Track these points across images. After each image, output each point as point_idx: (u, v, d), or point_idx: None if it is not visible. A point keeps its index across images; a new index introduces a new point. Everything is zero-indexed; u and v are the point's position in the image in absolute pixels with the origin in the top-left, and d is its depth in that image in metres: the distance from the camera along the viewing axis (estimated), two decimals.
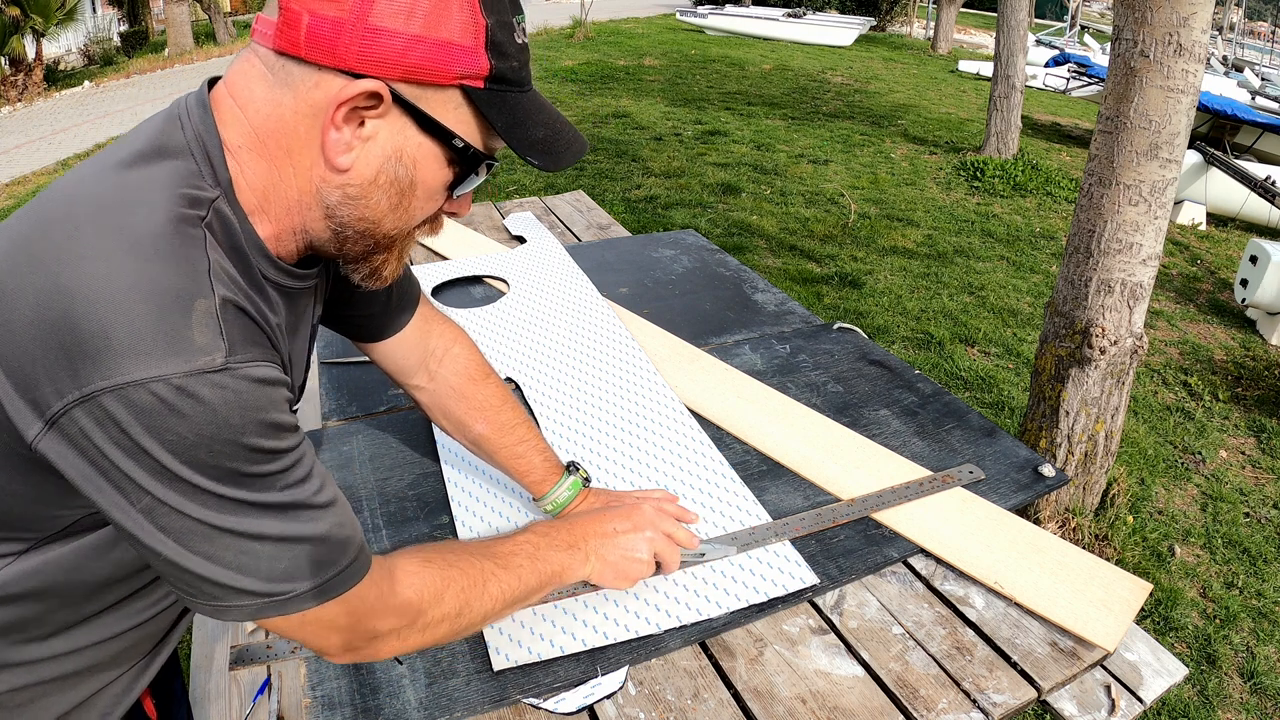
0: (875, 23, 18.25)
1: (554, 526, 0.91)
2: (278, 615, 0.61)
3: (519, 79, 0.65)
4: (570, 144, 0.70)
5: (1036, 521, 2.40)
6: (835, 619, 0.95)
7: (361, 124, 0.61)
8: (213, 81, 0.67)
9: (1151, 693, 0.95)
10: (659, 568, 0.96)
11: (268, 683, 1.19)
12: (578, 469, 1.06)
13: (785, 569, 1.00)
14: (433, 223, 0.72)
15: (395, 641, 0.71)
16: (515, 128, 0.66)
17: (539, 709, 0.83)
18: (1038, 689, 0.87)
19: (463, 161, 0.67)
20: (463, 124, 0.64)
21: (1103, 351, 2.29)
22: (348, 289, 0.89)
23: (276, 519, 0.59)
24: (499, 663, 0.86)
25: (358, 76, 0.59)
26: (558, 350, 1.50)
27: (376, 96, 0.60)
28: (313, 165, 0.62)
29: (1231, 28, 21.99)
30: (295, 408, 0.78)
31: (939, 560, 1.04)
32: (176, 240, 0.55)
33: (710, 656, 0.90)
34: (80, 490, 0.55)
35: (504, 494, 1.12)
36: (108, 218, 0.54)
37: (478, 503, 1.11)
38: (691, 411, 1.32)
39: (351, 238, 0.67)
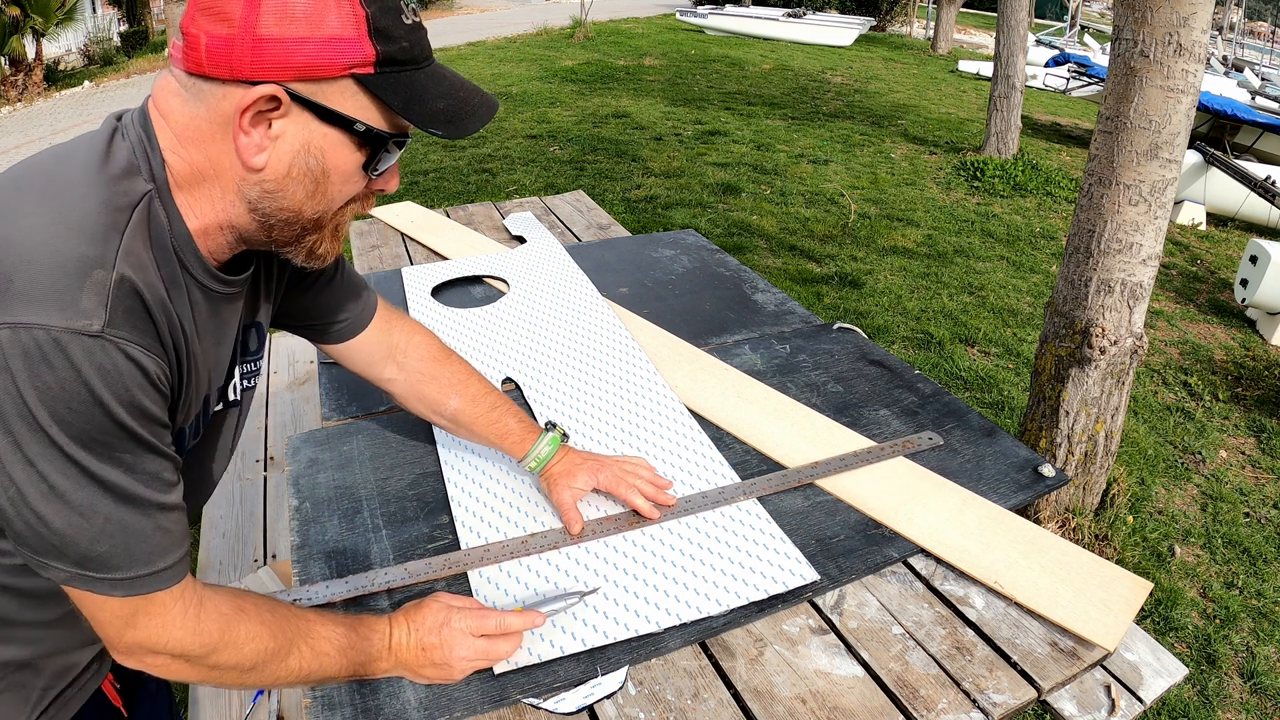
0: (875, 23, 18.22)
1: (371, 629, 0.84)
2: (84, 590, 0.65)
3: (412, 57, 0.69)
4: (476, 109, 0.73)
5: (1036, 521, 2.40)
6: (835, 619, 0.95)
7: (269, 125, 0.66)
8: None
9: (1151, 693, 0.95)
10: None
11: None
12: (555, 426, 1.12)
13: (786, 566, 1.00)
14: (363, 200, 0.77)
15: (180, 666, 0.71)
16: (413, 104, 0.69)
17: (539, 709, 0.83)
18: (1038, 689, 0.87)
19: (370, 142, 0.70)
20: (361, 109, 0.68)
21: (1103, 351, 2.29)
22: (312, 302, 0.96)
23: (111, 501, 0.62)
24: (500, 665, 0.86)
25: (255, 84, 0.64)
26: (558, 350, 1.50)
27: (275, 99, 0.65)
28: (232, 166, 0.68)
29: (1231, 28, 21.99)
30: (216, 408, 0.82)
31: (939, 560, 1.03)
32: (100, 220, 0.61)
33: (710, 656, 0.90)
34: None
35: (504, 494, 1.12)
36: (52, 189, 0.62)
37: (477, 503, 1.11)
38: (691, 411, 1.32)
39: (277, 226, 0.72)
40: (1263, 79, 13.90)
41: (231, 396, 0.84)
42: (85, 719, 0.83)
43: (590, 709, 0.84)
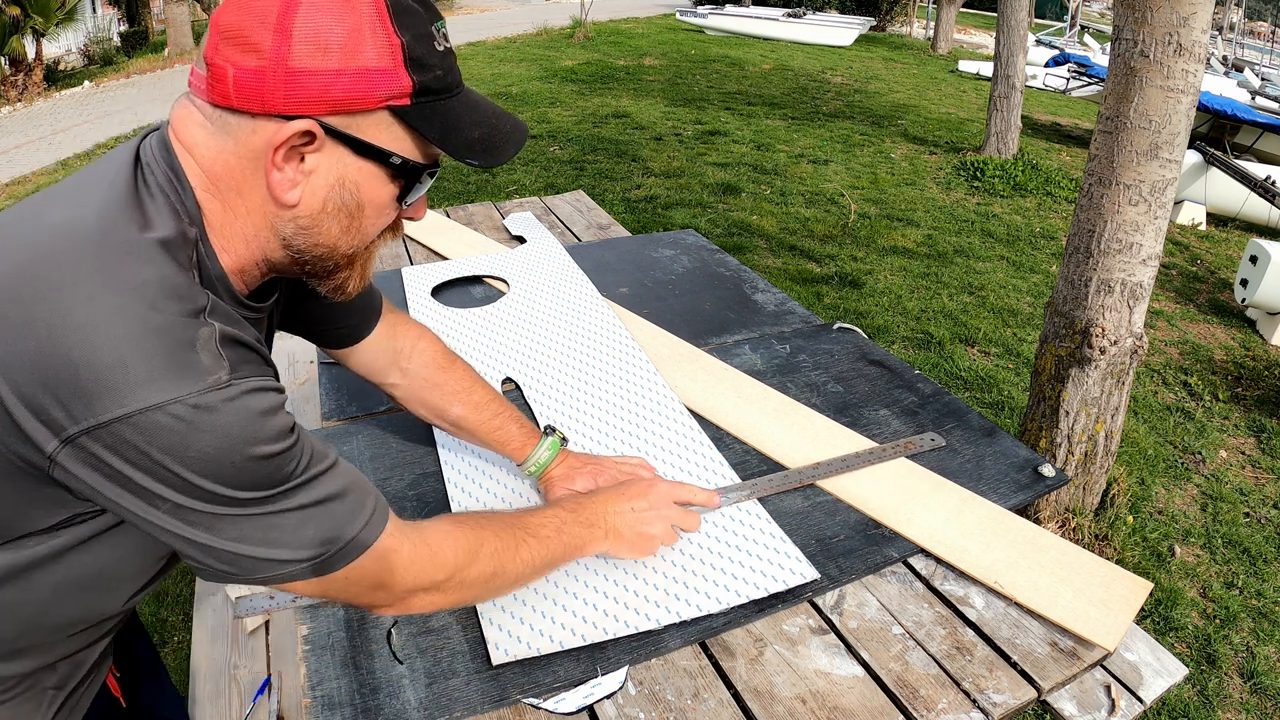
0: (875, 23, 18.21)
1: (578, 504, 0.97)
2: (315, 578, 0.67)
3: (445, 85, 0.67)
4: (510, 136, 0.72)
5: (1036, 521, 2.40)
6: (835, 619, 0.95)
7: (302, 160, 0.64)
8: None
9: (1151, 693, 0.95)
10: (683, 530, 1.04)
11: (268, 682, 1.19)
12: (554, 430, 1.13)
13: (786, 565, 1.00)
14: (392, 230, 0.75)
15: (434, 596, 0.79)
16: (450, 134, 0.68)
17: (539, 709, 0.83)
18: (1038, 689, 0.87)
19: (405, 175, 0.69)
20: (397, 141, 0.66)
21: (1103, 351, 2.29)
22: (317, 307, 0.95)
23: (294, 496, 0.64)
24: (498, 658, 0.86)
25: (289, 118, 0.61)
26: (558, 350, 1.50)
27: (309, 134, 0.62)
28: (263, 203, 0.66)
29: (1231, 28, 21.98)
30: None
31: (939, 560, 1.03)
32: (178, 280, 0.59)
33: (710, 656, 0.90)
34: (95, 502, 0.60)
35: (504, 494, 1.12)
36: (106, 259, 0.57)
37: (477, 503, 1.11)
38: (691, 411, 1.32)
39: (311, 261, 0.71)
40: (1263, 79, 13.89)
41: None
42: (91, 714, 0.84)
43: (590, 709, 0.84)
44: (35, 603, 0.68)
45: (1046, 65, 12.67)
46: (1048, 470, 1.19)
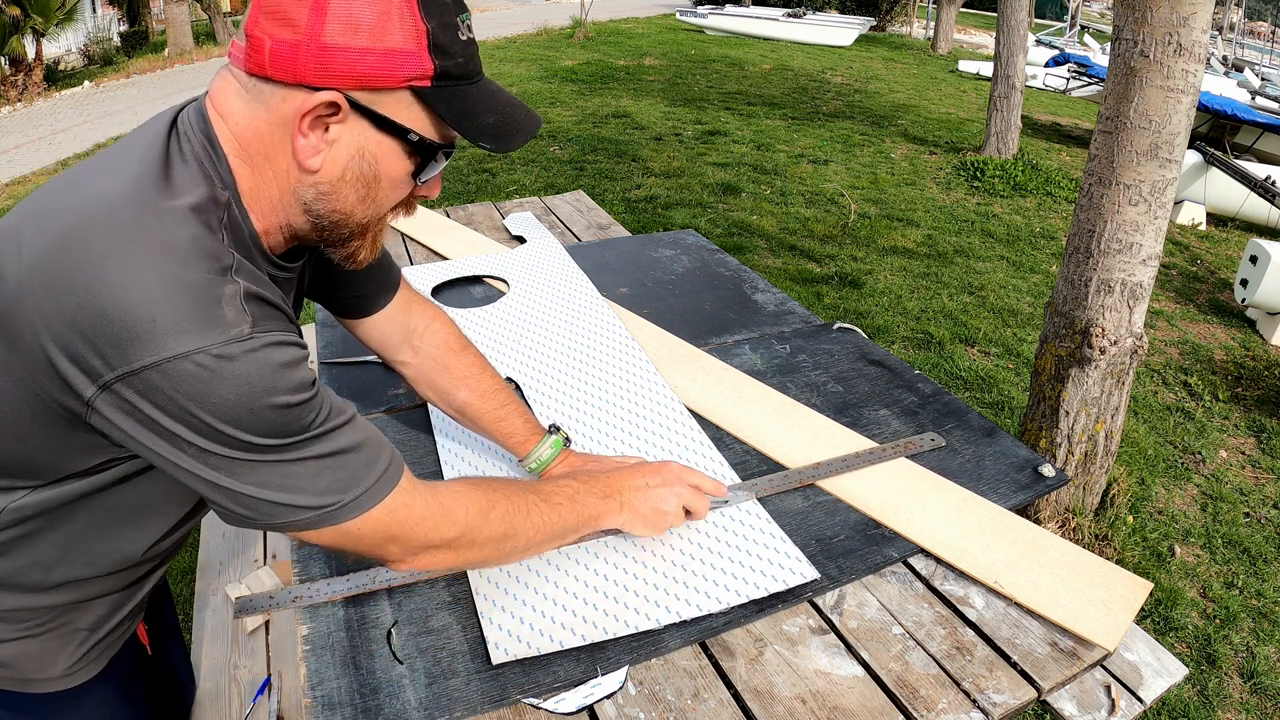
0: (875, 23, 18.22)
1: (592, 476, 0.99)
2: (329, 527, 0.72)
3: (465, 73, 0.71)
4: (522, 125, 0.76)
5: (1036, 521, 2.40)
6: (835, 619, 0.95)
7: (326, 129, 0.68)
8: None
9: (1151, 693, 0.95)
10: (689, 515, 1.04)
11: (268, 682, 1.18)
12: (558, 429, 1.13)
13: (786, 565, 1.00)
14: (406, 206, 0.79)
15: (447, 553, 0.83)
16: (465, 118, 0.72)
17: (539, 709, 0.83)
18: (1038, 689, 0.87)
19: (421, 152, 0.73)
20: (416, 120, 0.71)
21: (1103, 351, 2.29)
22: (337, 273, 0.98)
23: (311, 445, 0.69)
24: (498, 657, 0.86)
25: (318, 89, 0.66)
26: (558, 350, 1.50)
27: (335, 105, 0.67)
28: (289, 168, 0.70)
29: (1231, 28, 21.98)
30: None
31: (939, 560, 1.03)
32: (208, 242, 0.64)
33: (710, 656, 0.90)
34: (125, 446, 0.65)
35: None
36: (144, 225, 0.62)
37: None
38: (691, 411, 1.32)
39: (328, 227, 0.75)
40: (1263, 79, 13.89)
41: None
42: (118, 657, 0.90)
43: (590, 709, 0.84)
44: (72, 535, 0.75)
45: (1046, 65, 12.67)
46: (1048, 470, 1.19)
